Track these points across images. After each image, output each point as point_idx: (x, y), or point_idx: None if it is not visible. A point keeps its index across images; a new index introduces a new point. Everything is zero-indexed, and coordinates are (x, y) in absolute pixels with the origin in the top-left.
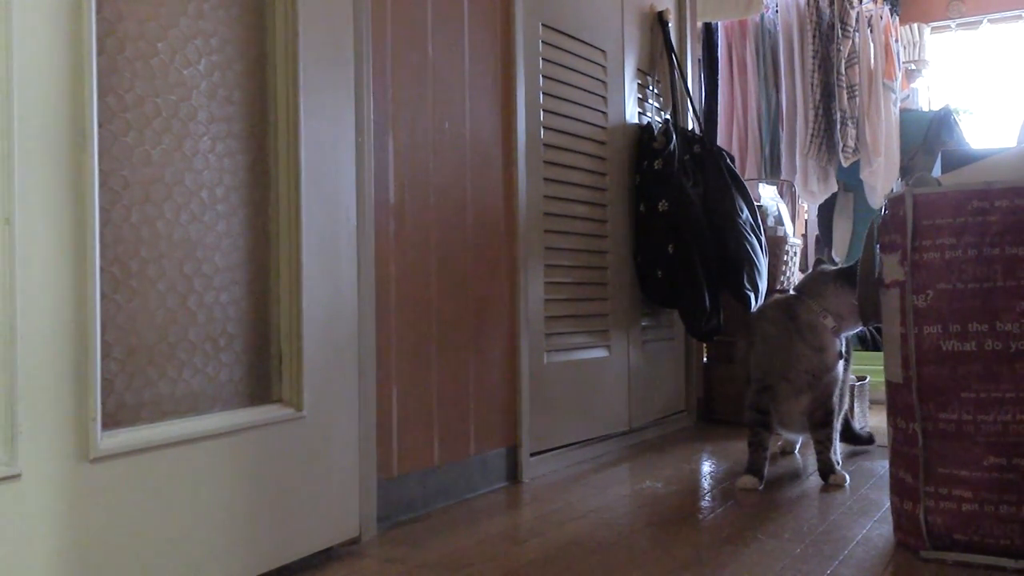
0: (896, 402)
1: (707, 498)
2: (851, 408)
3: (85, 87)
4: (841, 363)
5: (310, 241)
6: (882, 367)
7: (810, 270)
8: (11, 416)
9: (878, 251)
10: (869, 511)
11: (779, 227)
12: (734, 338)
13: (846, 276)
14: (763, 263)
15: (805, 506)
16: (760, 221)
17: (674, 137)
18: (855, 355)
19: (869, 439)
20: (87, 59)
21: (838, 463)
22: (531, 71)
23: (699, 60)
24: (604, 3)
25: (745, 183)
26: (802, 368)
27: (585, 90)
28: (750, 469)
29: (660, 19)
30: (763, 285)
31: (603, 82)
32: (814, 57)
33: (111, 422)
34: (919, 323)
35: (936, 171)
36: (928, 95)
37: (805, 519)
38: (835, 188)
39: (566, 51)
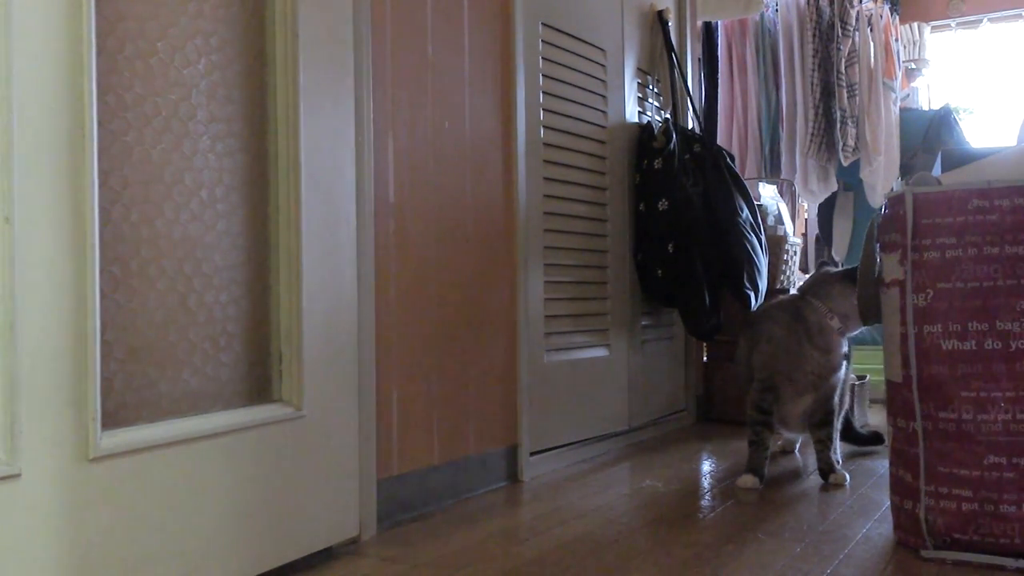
0: (896, 401)
1: (707, 497)
2: (851, 408)
3: (85, 86)
4: (844, 364)
5: (310, 241)
6: (882, 366)
7: (813, 272)
8: (11, 416)
9: (878, 250)
10: (869, 510)
11: (779, 226)
12: (734, 337)
13: (851, 277)
14: (763, 262)
15: (805, 505)
16: (760, 220)
17: (674, 136)
18: (855, 354)
19: (874, 439)
20: (87, 58)
21: (838, 462)
22: (531, 70)
23: (699, 59)
24: (604, 2)
25: (745, 182)
26: (808, 369)
27: (585, 89)
28: (750, 468)
29: (660, 18)
30: (763, 284)
31: (603, 81)
32: (814, 56)
33: (111, 422)
34: (919, 322)
35: (936, 170)
36: (928, 94)
37: (805, 518)
38: (835, 187)
39: (566, 50)
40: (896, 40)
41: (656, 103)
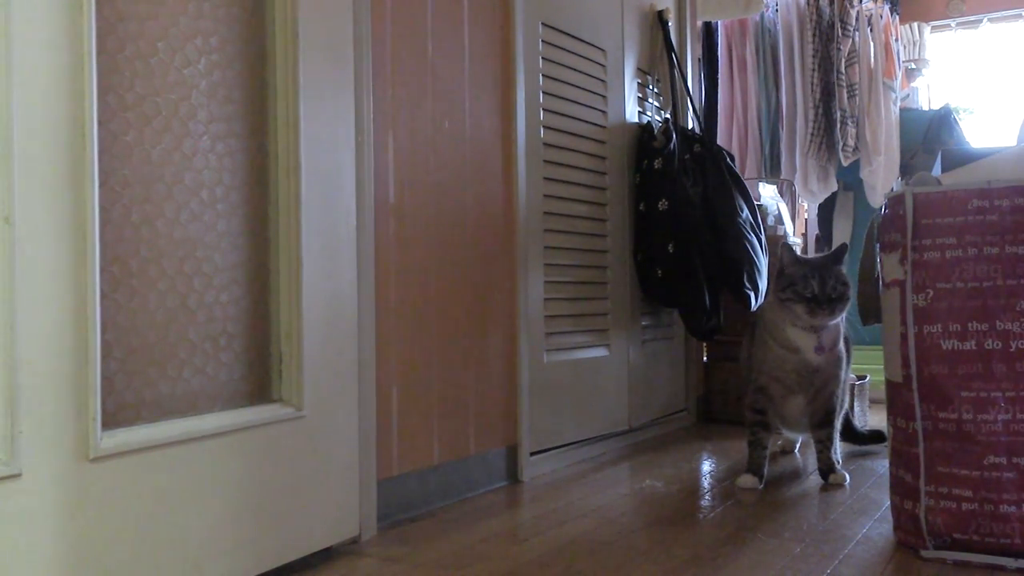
0: (896, 401)
1: (707, 497)
2: (851, 407)
3: (85, 86)
4: (842, 361)
5: (310, 241)
6: (882, 366)
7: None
8: (11, 416)
9: (878, 250)
10: (869, 510)
11: (779, 226)
12: (734, 337)
13: (776, 270)
14: (763, 262)
15: (805, 505)
16: (760, 220)
17: (674, 136)
18: (855, 354)
19: (875, 437)
20: (87, 58)
21: (838, 462)
22: (531, 70)
23: (699, 59)
24: (604, 2)
25: (745, 182)
26: (788, 368)
27: (585, 89)
28: (750, 468)
29: (660, 18)
30: (763, 284)
31: (603, 81)
32: (814, 56)
33: (111, 422)
34: (919, 322)
35: (936, 170)
36: (928, 94)
37: (805, 518)
38: (835, 187)
39: (566, 50)
40: (896, 40)
41: (656, 103)
